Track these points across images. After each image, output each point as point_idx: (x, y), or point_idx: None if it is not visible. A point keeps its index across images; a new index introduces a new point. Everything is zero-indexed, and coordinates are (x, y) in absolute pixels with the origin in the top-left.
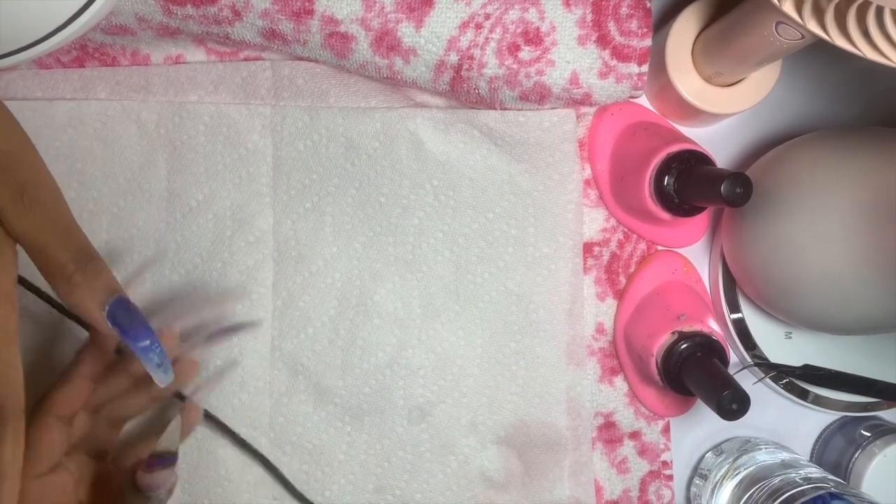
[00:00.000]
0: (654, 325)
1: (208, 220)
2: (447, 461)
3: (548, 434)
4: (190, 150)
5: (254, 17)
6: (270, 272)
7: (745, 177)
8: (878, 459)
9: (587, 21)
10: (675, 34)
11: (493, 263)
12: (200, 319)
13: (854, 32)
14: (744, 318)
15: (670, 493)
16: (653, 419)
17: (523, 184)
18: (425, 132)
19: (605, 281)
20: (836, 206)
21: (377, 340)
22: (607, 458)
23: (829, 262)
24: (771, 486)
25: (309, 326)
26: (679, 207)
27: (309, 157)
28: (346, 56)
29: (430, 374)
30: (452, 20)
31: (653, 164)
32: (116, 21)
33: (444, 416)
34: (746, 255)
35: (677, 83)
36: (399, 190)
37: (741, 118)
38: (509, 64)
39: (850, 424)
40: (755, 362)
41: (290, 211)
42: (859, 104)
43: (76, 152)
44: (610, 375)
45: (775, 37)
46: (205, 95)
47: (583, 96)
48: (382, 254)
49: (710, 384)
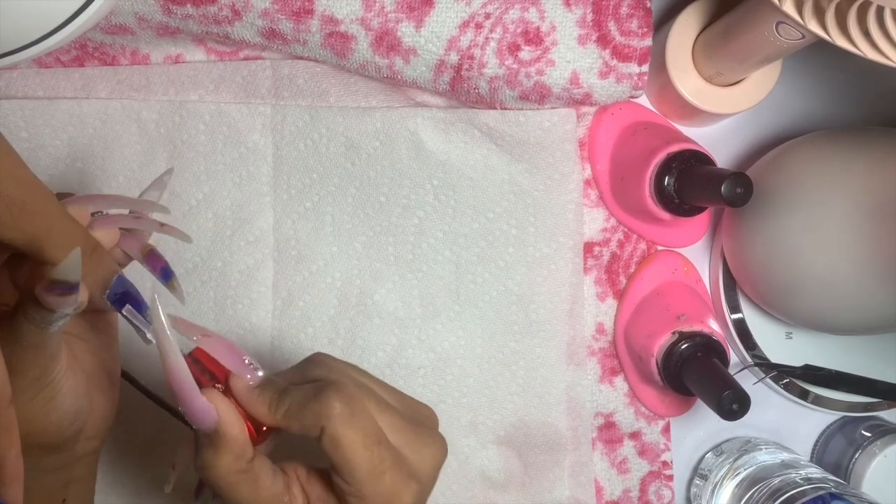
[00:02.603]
0: (654, 325)
1: (208, 219)
2: (447, 461)
3: (548, 434)
4: (190, 150)
5: (254, 16)
6: (270, 272)
7: (746, 177)
8: (878, 460)
9: (587, 21)
10: (675, 34)
11: (494, 263)
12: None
13: (854, 32)
14: (744, 318)
15: (670, 493)
16: (653, 419)
17: (523, 183)
18: (425, 132)
19: (605, 281)
20: (837, 206)
21: (377, 340)
22: (607, 458)
23: (830, 261)
24: (771, 487)
25: (309, 326)
26: (679, 207)
27: (309, 157)
28: (346, 56)
29: (430, 374)
30: (452, 20)
31: (653, 163)
32: (116, 20)
33: (444, 415)
34: (747, 254)
35: (677, 83)
36: (399, 189)
37: (741, 118)
38: (509, 64)
39: (851, 425)
40: (755, 362)
41: (291, 210)
42: (860, 104)
43: (76, 151)
44: (610, 375)
45: (776, 37)
46: (205, 94)
47: (583, 96)
48: (382, 253)
49: (711, 384)
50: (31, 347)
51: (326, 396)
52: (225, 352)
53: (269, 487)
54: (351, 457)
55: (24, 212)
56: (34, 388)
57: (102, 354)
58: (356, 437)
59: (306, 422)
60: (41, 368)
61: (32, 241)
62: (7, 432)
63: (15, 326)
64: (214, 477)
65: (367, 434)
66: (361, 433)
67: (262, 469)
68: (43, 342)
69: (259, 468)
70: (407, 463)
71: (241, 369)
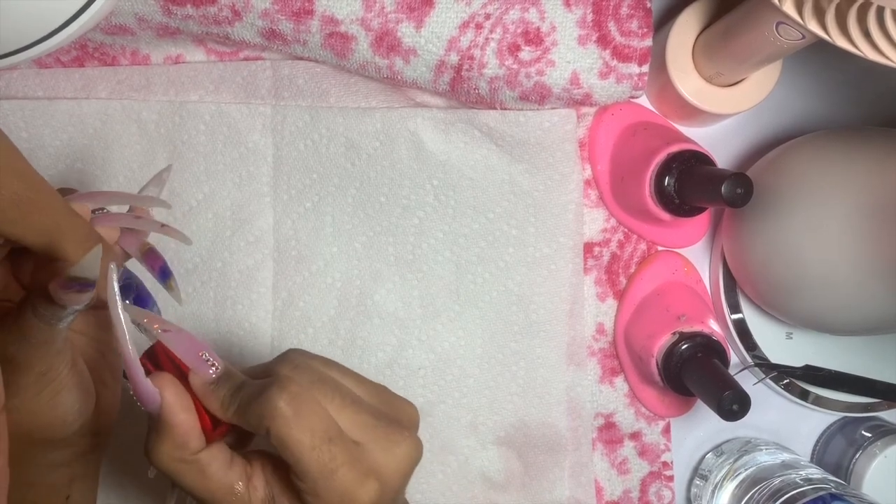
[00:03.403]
0: (654, 326)
1: (208, 219)
2: (447, 461)
3: (548, 435)
4: (190, 150)
5: (254, 17)
6: (270, 272)
7: (746, 177)
8: (878, 460)
9: (587, 21)
10: (675, 34)
11: (494, 263)
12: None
13: (855, 32)
14: (744, 318)
15: (671, 493)
16: (653, 420)
17: (524, 184)
18: (425, 132)
19: (605, 281)
20: (837, 207)
21: (377, 340)
22: (608, 458)
23: (830, 262)
24: (771, 487)
25: (309, 326)
26: (679, 208)
27: (309, 157)
28: (346, 56)
29: (431, 375)
30: (453, 20)
31: (653, 164)
32: (116, 21)
33: (445, 416)
34: (747, 255)
35: (678, 83)
36: (399, 190)
37: (741, 118)
38: (509, 64)
39: (851, 425)
40: (756, 363)
41: (291, 211)
42: (859, 104)
43: (76, 152)
44: (610, 376)
45: (776, 37)
46: (205, 95)
47: (583, 96)
48: (382, 254)
49: (711, 385)
50: (38, 343)
51: (268, 396)
52: (182, 347)
53: (220, 479)
54: (299, 456)
55: (33, 208)
56: (40, 383)
57: (104, 350)
58: (301, 436)
59: (251, 421)
60: (47, 364)
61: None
62: None
63: (22, 322)
64: (156, 462)
65: (314, 433)
66: (308, 432)
67: (213, 460)
68: (50, 338)
69: (209, 459)
70: (367, 460)
71: (196, 365)
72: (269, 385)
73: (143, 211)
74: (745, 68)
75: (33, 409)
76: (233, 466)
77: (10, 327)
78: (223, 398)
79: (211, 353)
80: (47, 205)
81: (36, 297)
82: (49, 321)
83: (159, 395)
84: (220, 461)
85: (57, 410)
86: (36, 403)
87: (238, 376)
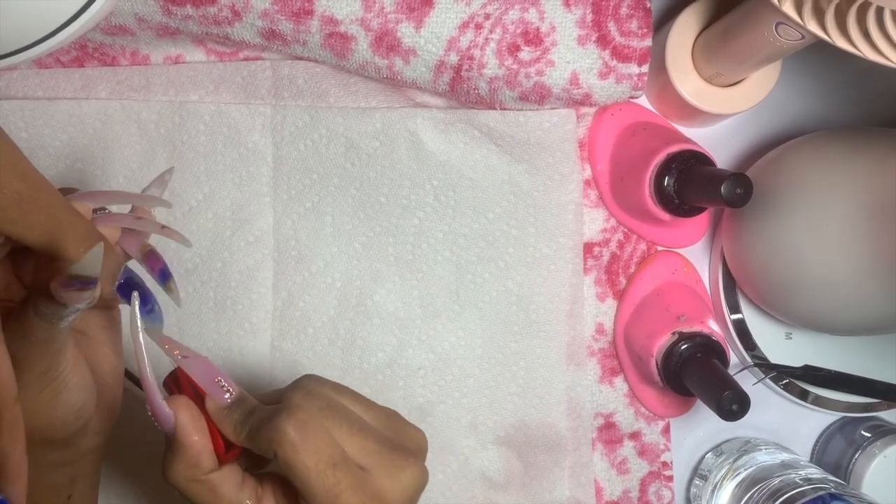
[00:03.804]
0: (653, 326)
1: (208, 219)
2: (447, 461)
3: (548, 435)
4: (190, 150)
5: (253, 17)
6: (270, 272)
7: (746, 177)
8: (878, 460)
9: (587, 21)
10: (675, 34)
11: (494, 264)
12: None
13: (854, 33)
14: (744, 318)
15: (670, 493)
16: (653, 420)
17: (523, 184)
18: (425, 132)
19: (605, 281)
20: (837, 207)
21: (377, 340)
22: (607, 458)
23: (830, 262)
24: (771, 487)
25: (309, 327)
26: (679, 208)
27: (309, 157)
28: (345, 56)
29: (430, 375)
30: (452, 20)
31: (653, 164)
32: (116, 21)
33: (445, 416)
34: (747, 255)
35: (677, 83)
36: (399, 190)
37: (741, 118)
38: (509, 64)
39: (851, 425)
40: (755, 363)
41: (290, 211)
42: (859, 104)
43: (76, 152)
44: (610, 376)
45: (775, 37)
46: (205, 95)
47: (583, 96)
48: (382, 254)
49: (710, 385)
50: (40, 342)
51: (276, 422)
52: (198, 372)
53: (231, 499)
54: (305, 480)
55: (34, 207)
56: (41, 382)
57: (106, 350)
58: (308, 461)
59: (261, 445)
60: (48, 363)
61: (44, 236)
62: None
63: (23, 321)
64: (170, 480)
65: (319, 458)
66: (314, 457)
67: (224, 480)
68: (51, 337)
69: (221, 479)
70: (372, 486)
71: (212, 390)
72: (279, 411)
73: (145, 211)
74: (745, 68)
75: (34, 408)
76: (244, 488)
77: (12, 326)
78: (236, 422)
79: (227, 379)
80: (48, 204)
81: (37, 296)
82: (50, 320)
83: (174, 416)
84: (232, 482)
85: (57, 410)
86: (37, 403)
87: (251, 402)
